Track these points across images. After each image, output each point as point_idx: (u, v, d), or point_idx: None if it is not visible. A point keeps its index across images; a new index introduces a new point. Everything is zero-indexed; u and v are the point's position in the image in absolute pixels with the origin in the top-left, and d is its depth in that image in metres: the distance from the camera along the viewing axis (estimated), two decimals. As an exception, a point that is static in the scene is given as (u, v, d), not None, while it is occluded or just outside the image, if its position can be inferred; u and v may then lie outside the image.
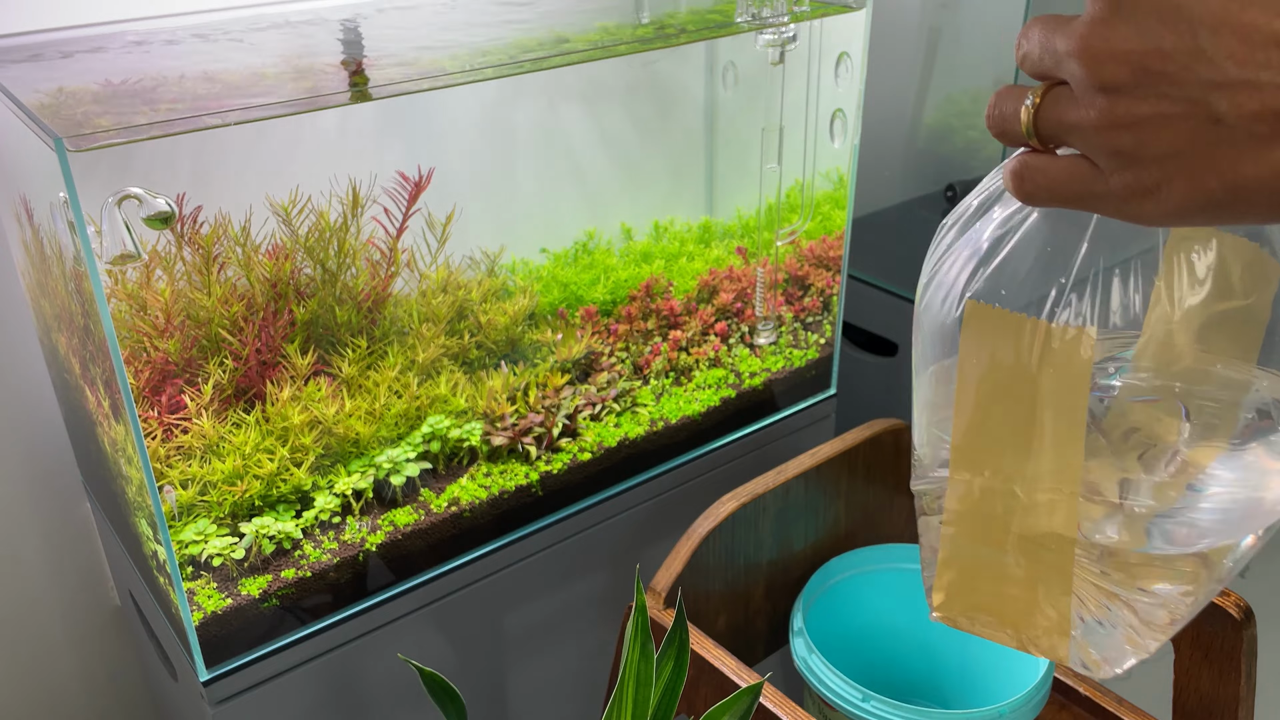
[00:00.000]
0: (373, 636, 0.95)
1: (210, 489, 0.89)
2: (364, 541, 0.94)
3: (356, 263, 1.01)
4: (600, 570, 1.12)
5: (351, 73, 0.91)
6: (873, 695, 0.81)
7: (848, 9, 1.11)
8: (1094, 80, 0.35)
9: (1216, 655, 0.89)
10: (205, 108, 0.77)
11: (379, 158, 1.08)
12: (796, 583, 1.04)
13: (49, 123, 0.70)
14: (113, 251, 0.72)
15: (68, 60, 0.94)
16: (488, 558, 1.01)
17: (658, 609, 0.88)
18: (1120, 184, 0.36)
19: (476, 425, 1.03)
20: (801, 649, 0.88)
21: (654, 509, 1.14)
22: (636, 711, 0.61)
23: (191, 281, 0.93)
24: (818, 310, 1.29)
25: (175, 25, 1.03)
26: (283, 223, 0.97)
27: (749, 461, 1.21)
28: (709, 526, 0.93)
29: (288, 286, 0.97)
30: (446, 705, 0.58)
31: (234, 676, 0.88)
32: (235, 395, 0.94)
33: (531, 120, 1.26)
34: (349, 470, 0.96)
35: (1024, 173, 0.39)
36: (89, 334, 0.81)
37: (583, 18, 1.16)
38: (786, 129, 1.19)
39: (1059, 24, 0.36)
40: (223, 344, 0.93)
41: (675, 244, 1.33)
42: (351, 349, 1.00)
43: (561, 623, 1.12)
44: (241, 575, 0.89)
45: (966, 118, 1.39)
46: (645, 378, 1.17)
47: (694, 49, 1.37)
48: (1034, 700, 0.83)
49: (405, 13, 1.11)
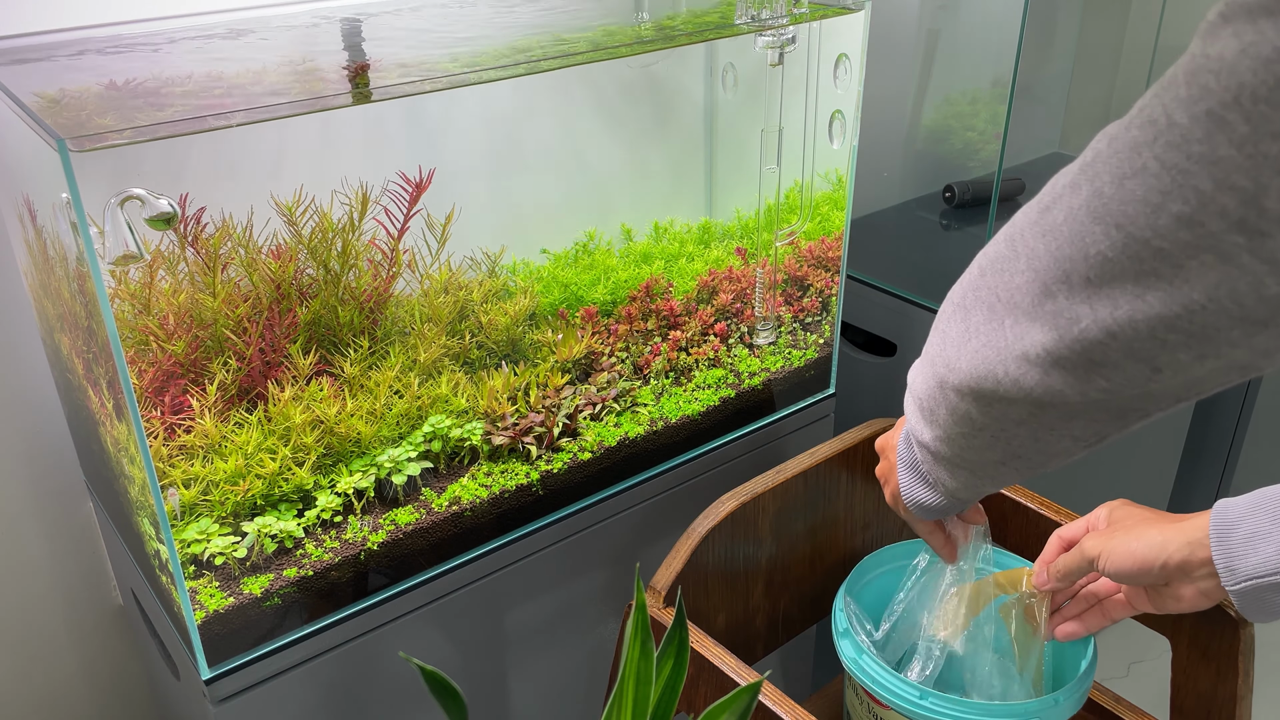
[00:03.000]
0: (374, 635, 0.96)
1: (212, 488, 0.89)
2: (365, 541, 0.94)
3: (359, 263, 1.01)
4: (600, 569, 1.13)
5: (353, 74, 0.92)
6: (930, 692, 0.81)
7: (846, 11, 1.11)
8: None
9: (1215, 654, 0.89)
10: (208, 108, 0.77)
11: (380, 158, 1.08)
12: (797, 582, 1.04)
13: (51, 123, 0.70)
14: (115, 252, 0.73)
15: (70, 61, 0.94)
16: (489, 557, 1.02)
17: (658, 607, 0.88)
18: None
19: (477, 425, 1.04)
20: (850, 650, 0.87)
21: (654, 508, 1.15)
22: (636, 709, 0.61)
23: (195, 282, 0.94)
24: (817, 310, 1.29)
25: (178, 26, 1.04)
26: (287, 223, 0.97)
27: (748, 461, 1.22)
28: (709, 526, 0.93)
29: (291, 287, 0.97)
30: (448, 703, 0.58)
31: (236, 675, 0.88)
32: (238, 395, 0.94)
33: (532, 121, 1.26)
34: (351, 469, 0.97)
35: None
36: (92, 334, 0.81)
37: (583, 19, 1.16)
38: (785, 130, 1.19)
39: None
40: (227, 344, 0.93)
41: (675, 245, 1.34)
42: (353, 349, 1.00)
43: (562, 621, 1.12)
44: (243, 574, 0.89)
45: (965, 119, 1.40)
46: (645, 378, 1.18)
47: (694, 50, 1.37)
48: (1083, 688, 0.84)
49: (406, 14, 1.12)
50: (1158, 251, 0.46)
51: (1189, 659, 0.92)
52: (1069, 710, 0.82)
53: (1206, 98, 0.43)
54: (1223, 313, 0.46)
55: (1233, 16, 0.42)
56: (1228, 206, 0.43)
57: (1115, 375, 0.52)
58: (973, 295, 0.60)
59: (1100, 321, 0.50)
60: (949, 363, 0.61)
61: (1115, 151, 0.48)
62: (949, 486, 0.70)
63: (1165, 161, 0.45)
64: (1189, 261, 0.46)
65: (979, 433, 0.62)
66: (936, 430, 0.66)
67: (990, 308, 0.57)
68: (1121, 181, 0.47)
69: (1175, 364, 0.50)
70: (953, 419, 0.64)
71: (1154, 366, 0.50)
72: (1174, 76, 0.45)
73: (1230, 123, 0.42)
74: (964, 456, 0.66)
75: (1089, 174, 0.50)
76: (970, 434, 0.63)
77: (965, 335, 0.60)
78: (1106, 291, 0.49)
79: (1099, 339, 0.51)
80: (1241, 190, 0.42)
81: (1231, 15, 0.42)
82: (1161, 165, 0.45)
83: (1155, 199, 0.46)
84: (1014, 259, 0.55)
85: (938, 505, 0.74)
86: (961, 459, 0.66)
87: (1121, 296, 0.49)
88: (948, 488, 0.70)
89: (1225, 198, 0.43)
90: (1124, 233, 0.47)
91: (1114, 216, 0.48)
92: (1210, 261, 0.45)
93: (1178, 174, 0.44)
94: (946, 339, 0.62)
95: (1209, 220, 0.44)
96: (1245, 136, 0.42)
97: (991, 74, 1.30)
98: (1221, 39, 0.42)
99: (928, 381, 0.65)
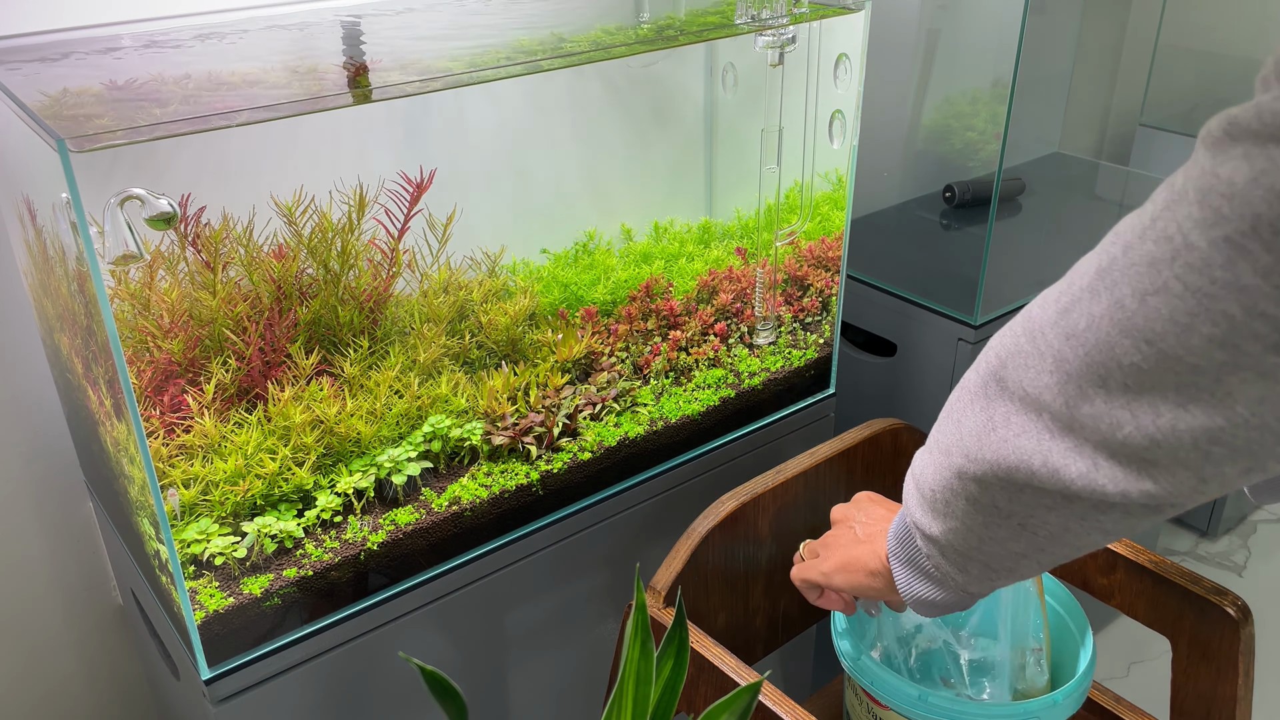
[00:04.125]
0: (374, 635, 0.96)
1: (212, 488, 0.89)
2: (365, 541, 0.94)
3: (359, 263, 1.01)
4: (600, 569, 1.13)
5: (353, 74, 0.92)
6: (930, 692, 0.81)
7: (847, 11, 1.11)
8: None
9: (1214, 654, 0.89)
10: (208, 108, 0.77)
11: (380, 158, 1.08)
12: (796, 582, 1.04)
13: (51, 123, 0.70)
14: (115, 252, 0.73)
15: (71, 61, 0.94)
16: (488, 557, 1.02)
17: (658, 607, 0.88)
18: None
19: (477, 425, 1.04)
20: (849, 650, 0.87)
21: (654, 508, 1.15)
22: (636, 709, 0.61)
23: (195, 281, 0.94)
24: (817, 310, 1.29)
25: (178, 26, 1.04)
26: (287, 223, 0.97)
27: (748, 461, 1.22)
28: (709, 526, 0.93)
29: (291, 287, 0.97)
30: (447, 703, 0.58)
31: (236, 675, 0.88)
32: (238, 395, 0.94)
33: (532, 121, 1.26)
34: (350, 469, 0.97)
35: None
36: (91, 334, 0.81)
37: (583, 19, 1.16)
38: (786, 130, 1.19)
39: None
40: (226, 344, 0.93)
41: (675, 244, 1.34)
42: (353, 349, 1.00)
43: (562, 621, 1.12)
44: (243, 574, 0.89)
45: (965, 119, 1.40)
46: (645, 377, 1.18)
47: (694, 50, 1.37)
48: (1082, 688, 0.84)
49: (407, 14, 1.12)
50: (1194, 368, 0.46)
51: (1189, 659, 0.92)
52: (1069, 710, 0.82)
53: (1222, 224, 0.43)
54: (1266, 428, 0.46)
55: (1240, 137, 0.42)
56: (1261, 331, 0.43)
57: (1163, 478, 0.51)
58: (995, 386, 0.58)
59: (1143, 429, 0.49)
60: (969, 453, 0.59)
61: (1133, 263, 0.47)
62: (959, 581, 0.67)
63: (1188, 283, 0.45)
64: (1228, 378, 0.45)
65: (1003, 522, 0.60)
66: (951, 523, 0.64)
67: (1020, 400, 0.55)
68: (1144, 297, 0.47)
69: (1221, 477, 0.49)
70: (973, 509, 0.61)
71: (1200, 477, 0.49)
72: (1184, 191, 0.45)
73: (1251, 252, 0.42)
74: (982, 549, 0.63)
75: (1107, 281, 0.49)
76: (992, 523, 0.61)
77: (988, 426, 0.58)
78: (1147, 399, 0.48)
79: (1143, 444, 0.49)
80: (1274, 318, 0.42)
81: (1238, 135, 0.42)
82: (1185, 286, 0.45)
83: (1183, 319, 0.45)
84: (1038, 356, 0.54)
85: (944, 600, 0.70)
86: (978, 551, 0.64)
87: (1163, 405, 0.48)
88: (958, 583, 0.67)
89: (1258, 324, 0.43)
90: (1155, 349, 0.47)
91: (1142, 332, 0.47)
92: (1250, 378, 0.45)
93: (1203, 297, 0.44)
94: (964, 429, 0.60)
95: (1243, 343, 0.44)
96: (1270, 266, 0.42)
97: (991, 74, 1.30)
98: (1231, 160, 0.42)
99: (941, 473, 0.63)
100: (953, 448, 0.61)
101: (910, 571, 0.70)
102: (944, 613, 0.71)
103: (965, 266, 1.35)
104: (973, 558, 0.64)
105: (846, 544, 0.78)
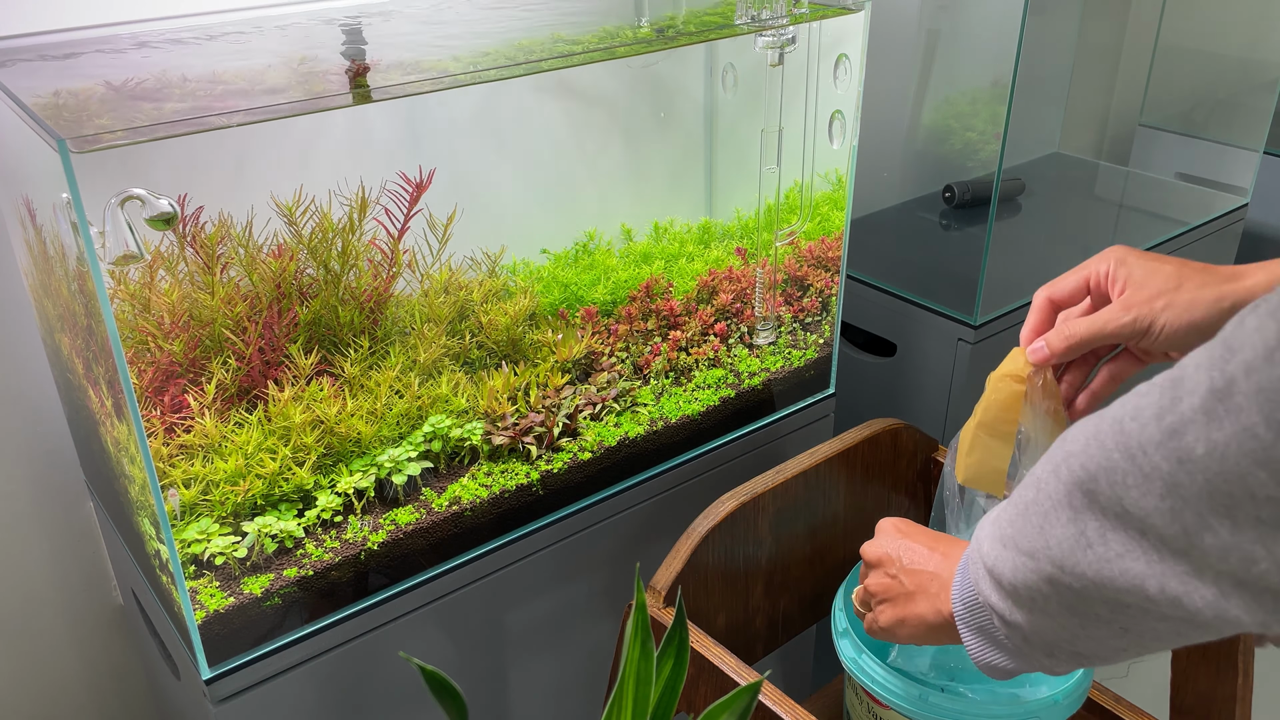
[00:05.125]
0: (374, 635, 0.96)
1: (212, 488, 0.89)
2: (365, 540, 0.94)
3: (359, 263, 1.01)
4: (600, 569, 1.13)
5: (354, 74, 0.92)
6: (930, 691, 0.81)
7: (846, 11, 1.11)
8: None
9: (1214, 653, 0.89)
10: (208, 109, 0.77)
11: (380, 158, 1.08)
12: (796, 582, 1.04)
13: (52, 124, 0.70)
14: (115, 252, 0.73)
15: (71, 61, 0.94)
16: (489, 556, 1.02)
17: (658, 607, 0.88)
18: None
19: (478, 425, 1.04)
20: (849, 649, 0.87)
21: (654, 508, 1.15)
22: (636, 709, 0.61)
23: (195, 282, 0.94)
24: (817, 310, 1.29)
25: (179, 26, 1.04)
26: (287, 223, 0.97)
27: (748, 461, 1.22)
28: (708, 526, 0.93)
29: (291, 287, 0.98)
30: (448, 703, 0.58)
31: (236, 675, 0.88)
32: (238, 395, 0.94)
33: (532, 122, 1.26)
34: (351, 469, 0.97)
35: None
36: (92, 334, 0.81)
37: (583, 19, 1.16)
38: (786, 130, 1.19)
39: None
40: (226, 344, 0.93)
41: (675, 245, 1.34)
42: (354, 349, 1.00)
43: (562, 621, 1.12)
44: (244, 574, 0.89)
45: (964, 119, 1.40)
46: (645, 378, 1.18)
47: (694, 51, 1.37)
48: (1082, 688, 0.84)
49: (407, 14, 1.12)
50: None
51: (1189, 659, 0.92)
52: (1069, 710, 0.82)
53: None
54: None
55: None
56: None
57: None
58: (1083, 499, 0.54)
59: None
60: (1061, 564, 0.56)
61: (1260, 388, 0.44)
62: (1046, 665, 0.63)
63: None
64: None
65: (1105, 626, 0.56)
66: (1041, 620, 0.60)
67: (1118, 518, 0.52)
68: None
69: None
70: (1068, 613, 0.58)
71: None
72: None
73: None
74: (1075, 644, 0.60)
75: (1229, 406, 0.45)
76: (1090, 625, 0.57)
77: (1081, 541, 0.54)
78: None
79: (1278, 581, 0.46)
80: None
81: None
82: None
83: None
84: (1141, 477, 0.50)
85: (1020, 669, 0.66)
86: (1070, 644, 0.60)
87: None
88: (1045, 665, 0.63)
89: None
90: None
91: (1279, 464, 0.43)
92: None
93: None
94: (1050, 537, 0.56)
95: None
96: None
97: (991, 74, 1.30)
98: None
99: (1026, 575, 0.58)
100: (1038, 553, 0.57)
101: (984, 641, 0.66)
102: (1014, 675, 0.67)
103: (965, 266, 1.35)
104: (1063, 648, 0.60)
105: (897, 599, 0.75)
